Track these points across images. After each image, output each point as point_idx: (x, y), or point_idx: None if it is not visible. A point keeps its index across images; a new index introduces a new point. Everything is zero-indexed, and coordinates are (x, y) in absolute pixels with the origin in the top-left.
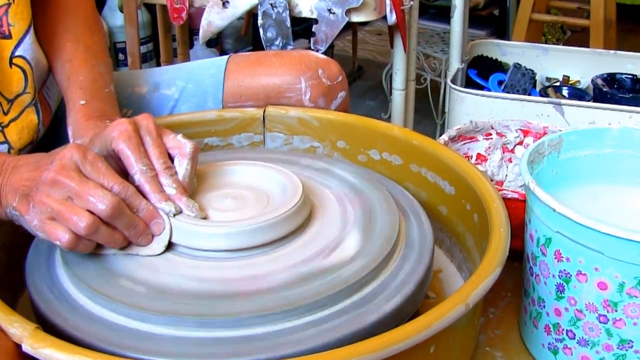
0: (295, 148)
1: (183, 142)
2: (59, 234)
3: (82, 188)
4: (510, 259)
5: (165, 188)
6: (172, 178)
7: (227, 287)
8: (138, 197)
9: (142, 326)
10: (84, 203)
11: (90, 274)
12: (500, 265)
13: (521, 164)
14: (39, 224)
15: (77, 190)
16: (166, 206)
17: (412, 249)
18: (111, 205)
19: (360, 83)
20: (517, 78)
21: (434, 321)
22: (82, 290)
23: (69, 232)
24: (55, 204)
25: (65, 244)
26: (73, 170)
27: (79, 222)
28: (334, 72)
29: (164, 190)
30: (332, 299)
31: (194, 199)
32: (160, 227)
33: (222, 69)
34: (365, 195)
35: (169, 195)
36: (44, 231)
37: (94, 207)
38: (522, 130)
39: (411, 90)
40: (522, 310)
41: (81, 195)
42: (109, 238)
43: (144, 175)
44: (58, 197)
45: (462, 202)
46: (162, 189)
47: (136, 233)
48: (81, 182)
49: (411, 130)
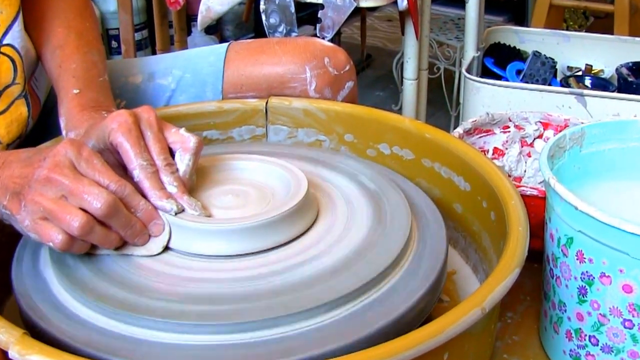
0: (300, 142)
1: (186, 136)
2: (52, 234)
3: (76, 185)
4: (529, 260)
5: (166, 186)
6: (174, 176)
7: (228, 289)
8: (136, 195)
9: (137, 331)
10: (78, 201)
11: (82, 275)
12: (518, 266)
13: (541, 158)
14: (30, 224)
15: (71, 188)
16: (167, 204)
17: (425, 249)
18: (107, 203)
19: (369, 72)
20: (537, 67)
21: (447, 326)
22: (72, 294)
23: (62, 233)
24: (48, 203)
25: (58, 245)
26: (67, 167)
27: (72, 222)
28: (341, 61)
29: (164, 188)
30: (335, 303)
31: (193, 196)
32: (159, 228)
33: (221, 58)
34: (375, 192)
35: (171, 193)
36: (36, 232)
37: (88, 206)
38: (541, 122)
39: (423, 80)
40: (542, 315)
41: (75, 193)
42: (103, 238)
43: (144, 171)
44: (51, 196)
45: (478, 200)
46: (162, 186)
47: (133, 233)
48: (75, 179)
49: (423, 123)
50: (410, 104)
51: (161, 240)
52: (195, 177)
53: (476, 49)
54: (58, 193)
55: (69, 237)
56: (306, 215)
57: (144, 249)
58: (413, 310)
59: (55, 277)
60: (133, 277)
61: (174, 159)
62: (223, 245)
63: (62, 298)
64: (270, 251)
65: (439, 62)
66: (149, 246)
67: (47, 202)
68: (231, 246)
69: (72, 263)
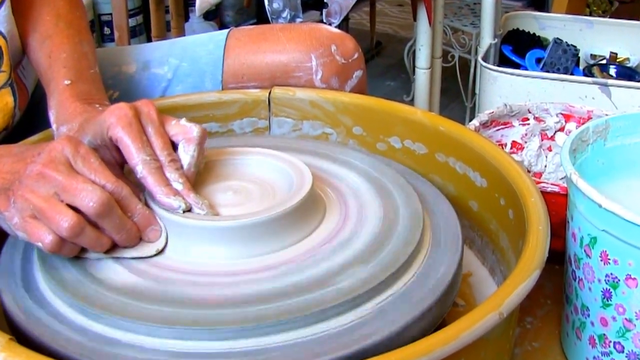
0: (305, 135)
1: (188, 126)
2: (41, 234)
3: (69, 182)
4: (549, 261)
5: (171, 182)
6: (179, 172)
7: (228, 292)
8: (134, 198)
9: (130, 337)
10: (70, 198)
11: (72, 278)
12: (538, 268)
13: (562, 153)
14: (20, 222)
15: (64, 184)
16: (175, 202)
17: (438, 250)
18: (100, 201)
19: (379, 61)
20: (558, 55)
21: (462, 332)
22: (62, 297)
23: (52, 233)
24: (39, 200)
25: (47, 247)
26: (62, 164)
27: (61, 222)
28: (349, 49)
29: (170, 184)
30: (340, 308)
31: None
32: (156, 234)
33: (221, 45)
34: (385, 188)
35: (177, 190)
36: (25, 230)
37: (80, 203)
38: (563, 114)
39: (437, 69)
40: (564, 320)
41: (68, 189)
42: (94, 241)
43: (147, 166)
44: (43, 193)
45: (495, 197)
46: (168, 182)
47: (127, 238)
48: (70, 176)
49: (437, 115)
50: (422, 95)
51: (155, 245)
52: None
53: (493, 35)
54: (50, 190)
55: (58, 238)
56: (310, 215)
57: (136, 250)
58: (425, 316)
59: (44, 280)
60: (126, 281)
61: (177, 153)
62: (223, 246)
63: (51, 302)
64: (273, 253)
65: (454, 50)
66: (142, 249)
67: (37, 200)
68: (231, 248)
69: (62, 265)
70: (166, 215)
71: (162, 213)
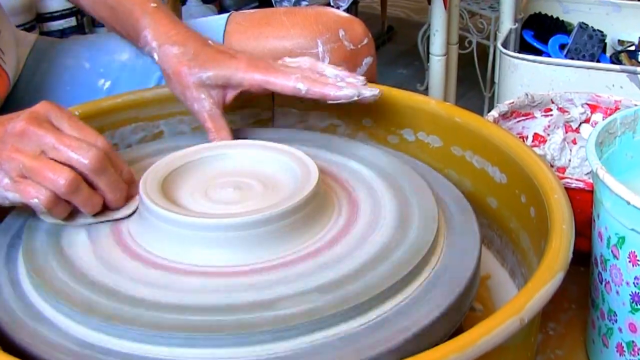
0: (312, 127)
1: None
2: (36, 192)
3: (60, 139)
4: (574, 263)
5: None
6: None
7: (234, 297)
8: (119, 157)
9: (121, 344)
10: (63, 155)
11: (59, 279)
12: (562, 270)
13: (588, 146)
14: (9, 182)
15: (53, 142)
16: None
17: (454, 251)
18: (96, 157)
19: (391, 47)
20: (583, 41)
21: (479, 339)
22: (48, 300)
23: (47, 190)
24: (28, 159)
25: (44, 203)
26: (46, 121)
27: (58, 178)
28: (358, 34)
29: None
30: (349, 314)
31: (184, 186)
32: (137, 190)
33: (220, 30)
34: (397, 184)
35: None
36: (17, 190)
37: (75, 161)
38: (589, 104)
39: (453, 56)
40: (589, 326)
41: (59, 146)
42: (87, 199)
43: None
44: (30, 152)
45: (516, 193)
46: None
47: (120, 196)
48: (57, 133)
49: (453, 105)
50: (437, 84)
51: (134, 203)
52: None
53: (514, 20)
54: (36, 148)
55: (54, 195)
56: (317, 211)
57: (119, 212)
58: (440, 322)
59: (29, 280)
60: (116, 281)
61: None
62: (218, 247)
63: (38, 305)
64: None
65: (471, 36)
66: (123, 210)
67: (27, 159)
68: (228, 251)
69: (50, 269)
70: (165, 214)
71: (162, 213)
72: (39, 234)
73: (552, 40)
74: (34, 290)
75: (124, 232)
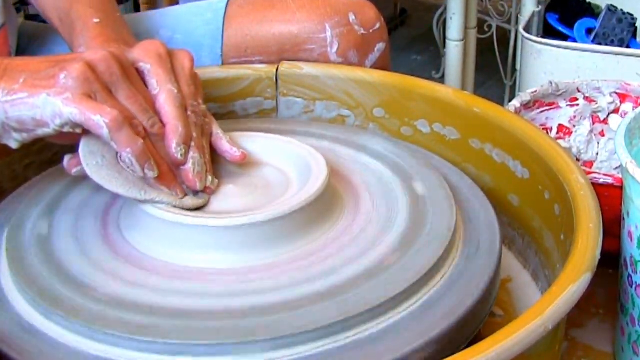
0: (318, 117)
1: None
2: (103, 109)
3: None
4: (602, 265)
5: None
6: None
7: (237, 301)
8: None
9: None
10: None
11: (49, 285)
12: (588, 272)
13: (616, 138)
14: (74, 97)
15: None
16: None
17: (472, 251)
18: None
19: (404, 32)
20: (612, 25)
21: (500, 346)
22: (36, 307)
23: (115, 110)
24: (102, 86)
25: (111, 120)
26: (130, 68)
27: (137, 102)
28: (370, 18)
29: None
30: (361, 319)
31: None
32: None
33: (220, 14)
34: (411, 179)
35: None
36: (82, 104)
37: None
38: (618, 94)
39: (471, 41)
40: (618, 332)
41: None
42: (134, 139)
43: (171, 96)
44: (103, 80)
45: (539, 190)
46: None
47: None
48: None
49: (472, 94)
50: (455, 71)
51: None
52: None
53: (537, 2)
54: (112, 84)
55: (121, 116)
56: (326, 208)
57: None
58: (457, 328)
59: (15, 287)
60: (110, 286)
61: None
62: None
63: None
64: (283, 255)
65: (491, 19)
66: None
67: (98, 85)
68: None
69: (39, 273)
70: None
71: (162, 214)
72: (25, 237)
73: (578, 24)
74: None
75: (116, 234)
